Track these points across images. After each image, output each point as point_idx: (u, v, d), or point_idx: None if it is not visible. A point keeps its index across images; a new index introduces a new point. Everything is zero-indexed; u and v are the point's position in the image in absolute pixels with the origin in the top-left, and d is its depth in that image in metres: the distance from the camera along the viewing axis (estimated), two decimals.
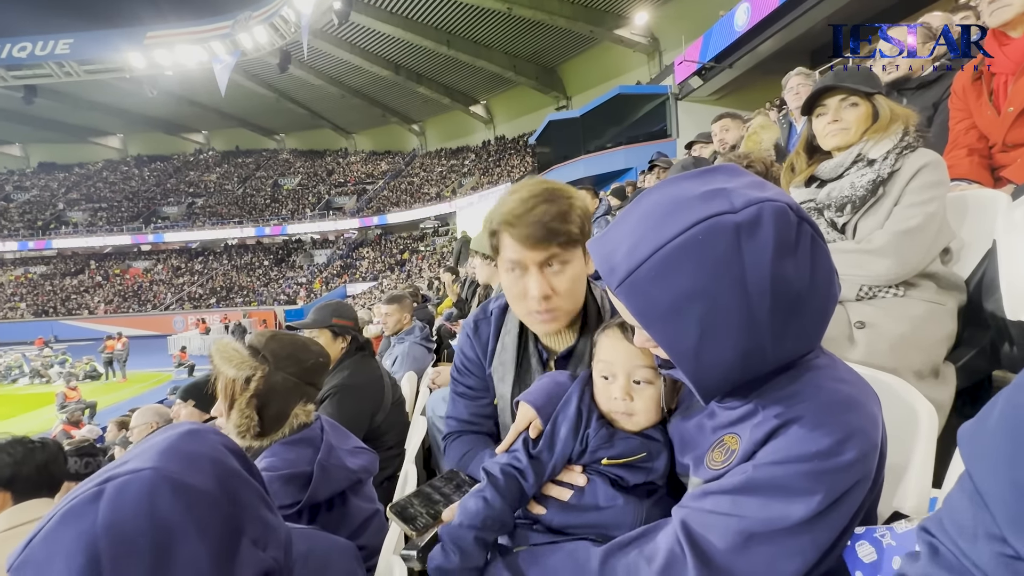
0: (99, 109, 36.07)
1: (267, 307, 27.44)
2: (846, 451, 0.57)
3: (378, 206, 33.48)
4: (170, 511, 0.54)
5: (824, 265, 0.61)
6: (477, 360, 1.18)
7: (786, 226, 0.58)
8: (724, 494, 0.61)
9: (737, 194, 0.59)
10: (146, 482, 0.55)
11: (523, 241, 0.95)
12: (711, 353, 0.59)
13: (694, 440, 0.75)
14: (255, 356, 1.17)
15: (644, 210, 0.64)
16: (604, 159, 17.07)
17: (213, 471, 0.60)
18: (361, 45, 27.15)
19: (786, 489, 0.58)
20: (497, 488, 0.81)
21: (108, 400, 12.63)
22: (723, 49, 12.98)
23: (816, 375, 0.63)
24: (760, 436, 0.62)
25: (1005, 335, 1.33)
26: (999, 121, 1.76)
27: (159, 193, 38.98)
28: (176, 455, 0.59)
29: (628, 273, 0.60)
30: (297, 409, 1.20)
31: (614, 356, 0.84)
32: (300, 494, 1.08)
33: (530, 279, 0.97)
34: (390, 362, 3.30)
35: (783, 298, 0.57)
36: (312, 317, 2.25)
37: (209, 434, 0.66)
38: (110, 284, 32.11)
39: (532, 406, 0.88)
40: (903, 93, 2.38)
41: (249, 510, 0.63)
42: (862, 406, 0.61)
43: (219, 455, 0.64)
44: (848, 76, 1.49)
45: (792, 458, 0.58)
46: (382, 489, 2.06)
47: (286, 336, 1.27)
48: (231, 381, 1.15)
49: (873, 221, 1.41)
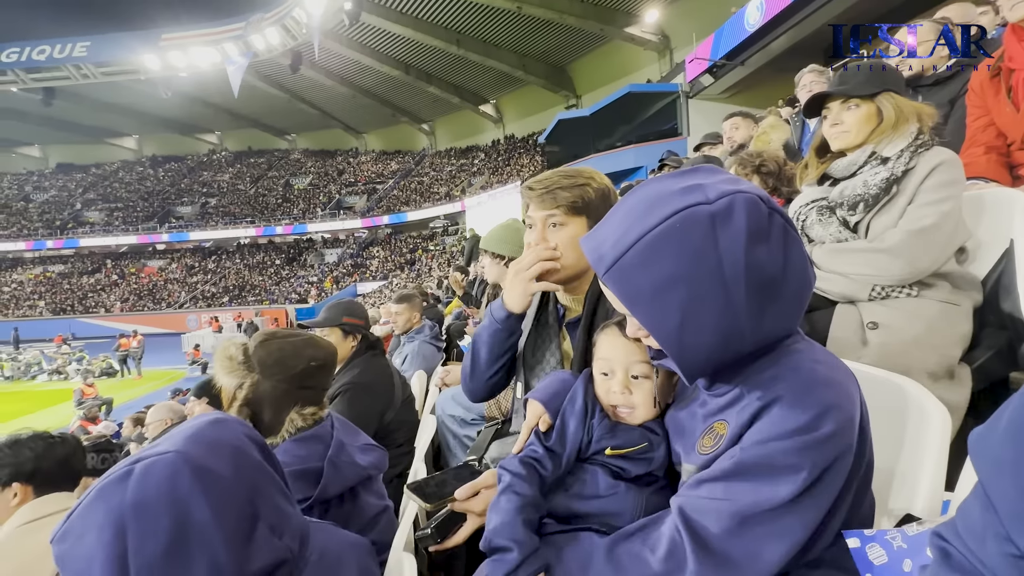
0: (115, 110, 36.63)
1: (279, 306, 27.72)
2: (823, 425, 0.60)
3: (388, 205, 33.64)
4: (189, 492, 0.59)
5: (797, 252, 0.65)
6: None
7: (758, 215, 0.62)
8: (716, 481, 0.65)
9: (712, 188, 0.64)
10: (169, 464, 0.60)
11: (534, 200, 1.16)
12: (692, 335, 0.63)
13: (686, 428, 0.79)
14: (245, 363, 1.18)
15: (628, 206, 0.69)
16: (614, 158, 16.97)
17: (232, 458, 0.64)
18: (371, 45, 27.28)
19: (772, 468, 0.61)
20: (521, 477, 0.85)
21: (124, 397, 12.86)
22: (735, 47, 12.84)
23: (794, 358, 0.67)
24: (745, 419, 0.66)
25: (1023, 336, 1.31)
26: (1018, 118, 1.73)
27: (173, 193, 39.53)
28: (200, 441, 0.64)
29: (614, 260, 0.65)
30: (293, 414, 1.20)
31: (612, 353, 0.90)
32: (311, 490, 1.10)
33: (534, 231, 1.18)
34: (400, 361, 3.32)
35: (758, 282, 0.62)
36: (323, 316, 2.28)
37: (234, 424, 0.71)
38: (126, 283, 32.64)
39: (540, 402, 0.93)
40: (919, 90, 2.34)
41: (267, 498, 0.67)
42: (838, 384, 0.65)
43: (241, 444, 0.68)
44: (851, 76, 1.47)
45: (774, 436, 0.62)
46: (391, 487, 2.07)
47: (278, 341, 1.24)
48: (226, 388, 1.18)
49: (886, 220, 1.39)
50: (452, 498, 0.89)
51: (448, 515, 0.89)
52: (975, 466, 0.48)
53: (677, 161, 5.00)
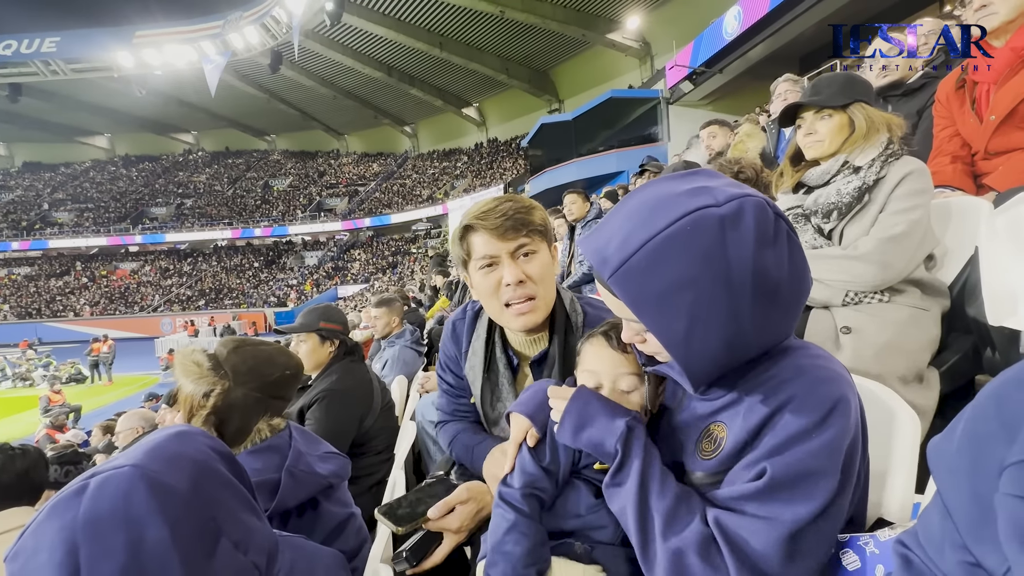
0: (86, 108, 35.61)
1: (257, 309, 27.19)
2: (837, 420, 0.61)
3: (370, 208, 33.34)
4: (145, 508, 0.57)
5: (798, 258, 0.65)
6: (455, 359, 1.25)
7: (765, 219, 0.61)
8: (750, 500, 0.63)
9: (719, 191, 0.63)
10: (124, 479, 0.58)
11: (493, 231, 1.02)
12: (699, 340, 0.62)
13: (678, 435, 0.77)
14: (216, 370, 1.12)
15: (632, 207, 0.67)
16: (596, 162, 17.12)
17: (193, 472, 0.62)
18: (353, 46, 27.06)
19: (805, 478, 0.61)
20: (526, 515, 0.81)
21: (93, 404, 12.42)
22: (714, 54, 13.09)
23: (794, 356, 0.68)
24: (754, 424, 0.65)
25: (987, 340, 1.35)
26: (981, 129, 1.79)
27: (147, 194, 38.55)
28: (159, 454, 0.62)
29: (621, 263, 0.62)
30: (261, 424, 1.16)
31: (599, 365, 0.85)
32: (268, 502, 1.06)
33: (504, 268, 1.03)
34: (380, 366, 3.28)
35: (763, 287, 0.61)
36: (300, 321, 2.23)
37: (198, 436, 0.68)
38: (96, 285, 31.65)
39: (525, 415, 0.89)
40: (888, 100, 2.41)
41: (231, 513, 0.65)
42: (839, 376, 0.66)
43: (204, 457, 0.65)
44: (824, 87, 1.51)
45: (795, 440, 0.61)
46: (370, 494, 2.04)
47: (250, 348, 1.19)
48: (189, 395, 1.12)
49: (859, 228, 1.43)
50: (425, 518, 0.86)
51: (423, 536, 0.85)
52: (933, 475, 0.49)
53: (658, 166, 5.06)
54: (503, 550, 0.79)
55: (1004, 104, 1.69)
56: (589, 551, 0.82)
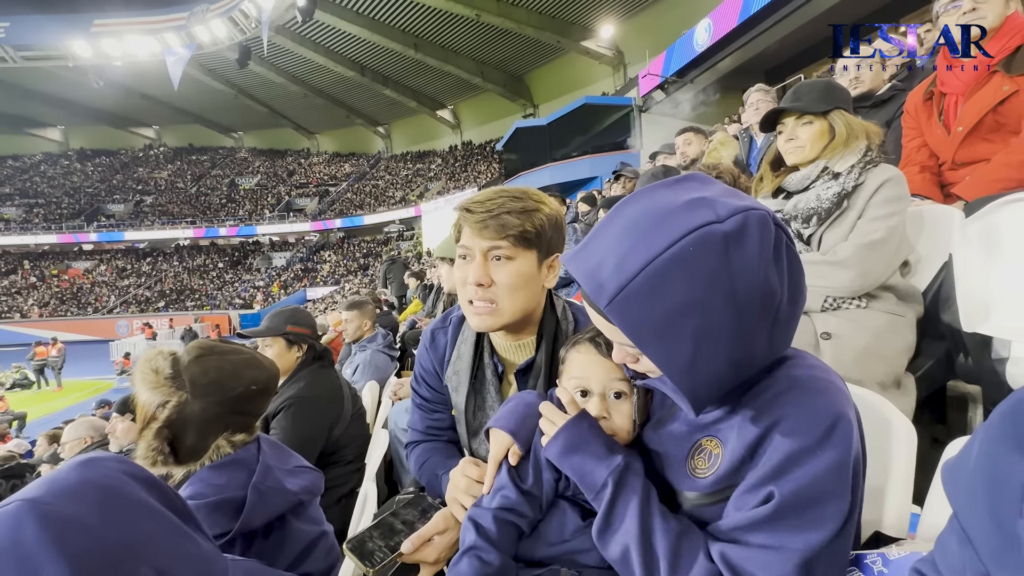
0: (38, 99, 33.74)
1: (221, 311, 26.23)
2: (839, 433, 0.58)
3: (341, 208, 32.70)
4: (37, 545, 0.53)
5: (797, 270, 0.62)
6: (433, 371, 1.17)
7: (768, 234, 0.58)
8: (758, 528, 0.59)
9: (719, 203, 0.58)
10: (11, 515, 0.55)
11: (474, 226, 0.96)
12: (706, 365, 0.58)
13: (668, 450, 0.73)
14: (174, 379, 1.03)
15: (627, 222, 0.61)
16: (570, 167, 17.24)
17: (100, 501, 0.59)
18: (325, 44, 26.54)
19: (815, 501, 0.57)
20: (491, 542, 0.75)
21: (40, 411, 11.69)
22: (684, 65, 13.40)
23: (788, 366, 0.65)
24: (750, 439, 0.61)
25: (960, 346, 1.38)
26: (949, 140, 1.84)
27: (104, 190, 36.76)
28: (57, 486, 0.59)
29: (619, 290, 0.57)
30: (221, 440, 1.07)
31: (589, 372, 0.80)
32: (231, 522, 0.97)
33: (471, 264, 0.97)
34: (350, 371, 3.17)
35: (767, 305, 0.58)
36: (265, 324, 2.12)
37: (108, 462, 0.65)
38: (46, 285, 29.94)
39: (506, 431, 0.83)
40: (858, 111, 2.47)
41: (153, 540, 0.61)
42: (837, 388, 0.63)
43: (114, 483, 0.62)
44: (805, 93, 1.52)
45: (798, 457, 0.58)
46: (339, 506, 1.95)
47: (214, 359, 1.09)
48: (143, 405, 1.03)
49: (837, 233, 1.44)
50: (399, 553, 0.80)
51: (398, 569, 0.79)
52: (949, 499, 0.46)
53: (633, 172, 5.10)
54: (455, 572, 0.73)
55: (971, 116, 1.74)
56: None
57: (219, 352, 1.11)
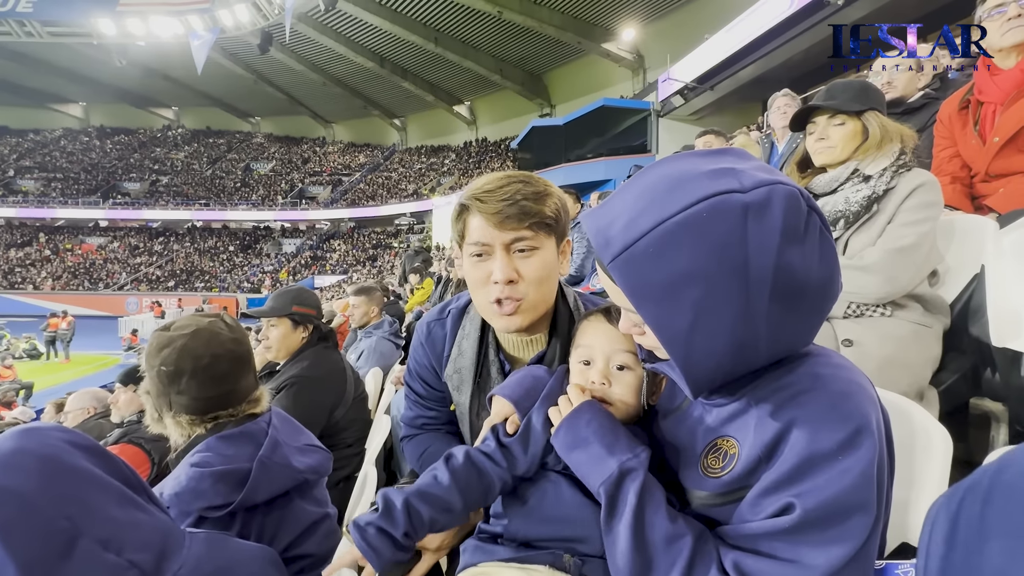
0: (61, 74, 34.12)
1: (229, 294, 26.44)
2: (863, 442, 0.54)
3: (353, 198, 32.82)
4: None
5: (830, 260, 0.58)
6: (429, 367, 1.10)
7: (796, 212, 0.54)
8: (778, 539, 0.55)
9: (747, 175, 0.55)
10: None
11: (492, 218, 0.88)
12: (703, 340, 0.55)
13: (681, 442, 0.70)
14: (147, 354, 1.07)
15: (647, 183, 0.59)
16: (584, 168, 17.16)
17: (39, 470, 0.59)
18: (346, 34, 26.61)
19: (839, 516, 0.53)
20: (452, 470, 0.78)
21: (48, 381, 11.89)
22: (705, 71, 13.28)
23: (811, 364, 0.60)
24: (768, 438, 0.57)
25: (988, 361, 1.32)
26: (983, 151, 1.78)
27: (121, 167, 37.18)
28: None
29: (624, 248, 0.55)
30: (168, 419, 1.06)
31: (595, 340, 0.81)
32: (234, 494, 0.95)
33: (495, 261, 0.90)
34: (355, 356, 3.15)
35: (785, 289, 0.54)
36: (271, 304, 2.10)
37: (49, 431, 0.64)
38: (60, 259, 30.32)
39: (509, 400, 0.82)
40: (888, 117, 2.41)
41: (95, 509, 0.60)
42: (863, 390, 0.59)
43: (53, 452, 0.61)
44: (839, 92, 1.47)
45: (817, 465, 0.54)
46: (338, 490, 1.92)
47: (164, 334, 1.05)
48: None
49: (865, 238, 1.39)
50: None
51: None
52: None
53: None
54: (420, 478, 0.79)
55: (1009, 126, 1.68)
56: (580, 565, 0.75)
57: (177, 327, 1.08)
